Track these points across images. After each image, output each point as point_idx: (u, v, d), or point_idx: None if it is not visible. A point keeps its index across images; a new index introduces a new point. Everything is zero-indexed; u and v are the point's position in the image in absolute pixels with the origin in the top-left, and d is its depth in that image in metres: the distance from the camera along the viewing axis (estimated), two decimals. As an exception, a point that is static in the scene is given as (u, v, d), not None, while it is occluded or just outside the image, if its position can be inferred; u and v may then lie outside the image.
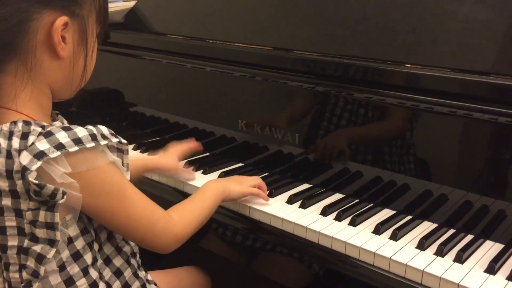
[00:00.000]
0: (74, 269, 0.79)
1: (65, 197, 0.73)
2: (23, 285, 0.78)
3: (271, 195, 1.13)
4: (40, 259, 0.75)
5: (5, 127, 0.74)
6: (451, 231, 0.99)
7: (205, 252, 1.24)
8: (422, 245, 0.93)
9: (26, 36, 0.74)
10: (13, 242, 0.77)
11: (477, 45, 1.01)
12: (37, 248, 0.75)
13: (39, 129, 0.73)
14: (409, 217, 1.04)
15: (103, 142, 0.75)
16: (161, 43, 1.45)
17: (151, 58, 1.46)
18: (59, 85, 0.81)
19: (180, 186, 1.23)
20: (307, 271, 1.03)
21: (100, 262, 0.84)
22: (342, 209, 1.06)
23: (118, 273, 0.87)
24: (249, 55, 1.26)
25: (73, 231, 0.78)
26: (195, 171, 1.26)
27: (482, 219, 0.97)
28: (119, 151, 0.80)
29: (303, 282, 1.08)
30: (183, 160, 1.29)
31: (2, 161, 0.72)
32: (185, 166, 1.28)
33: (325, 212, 1.05)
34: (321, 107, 1.14)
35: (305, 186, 1.19)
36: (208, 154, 1.37)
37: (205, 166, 1.27)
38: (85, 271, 0.80)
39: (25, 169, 0.70)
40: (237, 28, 1.36)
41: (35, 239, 0.75)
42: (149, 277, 0.97)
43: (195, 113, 1.41)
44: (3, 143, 0.73)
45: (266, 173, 1.25)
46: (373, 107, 1.08)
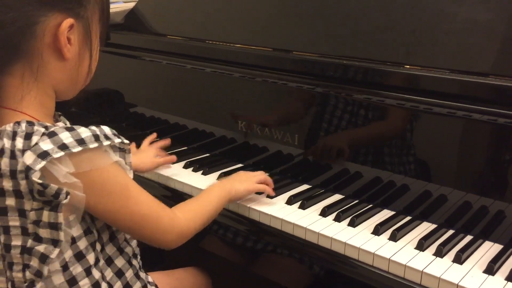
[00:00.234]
0: (77, 269, 0.79)
1: (69, 197, 0.73)
2: (26, 284, 0.78)
3: (271, 196, 1.13)
4: (43, 259, 0.76)
5: (9, 127, 0.74)
6: (450, 232, 0.99)
7: (205, 253, 1.24)
8: (421, 245, 0.93)
9: (32, 39, 0.75)
10: (17, 242, 0.77)
11: (476, 46, 1.01)
12: (41, 248, 0.75)
13: (43, 130, 0.73)
14: (409, 218, 1.04)
15: (106, 142, 0.76)
16: (161, 44, 1.45)
17: (151, 59, 1.46)
18: (64, 86, 0.82)
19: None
20: (307, 272, 1.03)
21: (102, 262, 0.84)
22: (341, 209, 1.06)
23: (119, 274, 0.87)
24: (249, 56, 1.26)
25: (76, 231, 0.78)
26: (175, 160, 1.30)
27: (481, 219, 0.97)
28: (121, 150, 0.81)
29: (303, 282, 1.08)
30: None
31: (6, 161, 0.73)
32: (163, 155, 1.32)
33: (324, 212, 1.05)
34: (320, 108, 1.14)
35: (305, 186, 1.19)
36: (208, 155, 1.38)
37: (205, 167, 1.27)
38: (88, 271, 0.80)
39: (28, 169, 0.70)
40: (237, 29, 1.36)
41: (38, 239, 0.75)
42: (150, 279, 0.97)
43: (195, 114, 1.41)
44: (6, 143, 0.73)
45: (265, 174, 1.25)
46: (372, 108, 1.08)
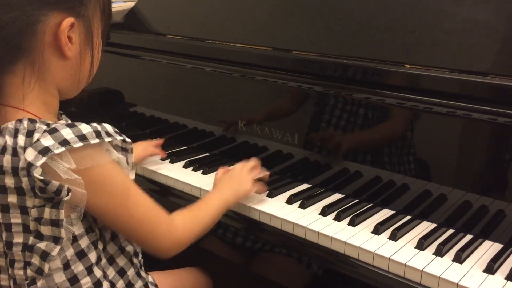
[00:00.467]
0: (78, 268, 0.79)
1: (70, 194, 0.73)
2: (27, 282, 0.78)
3: (270, 195, 1.13)
4: (44, 256, 0.76)
5: (11, 125, 0.74)
6: (450, 231, 0.99)
7: (206, 253, 1.24)
8: (421, 245, 0.93)
9: (33, 38, 0.75)
10: (19, 239, 0.77)
11: (476, 45, 1.01)
12: (42, 245, 0.75)
13: (44, 127, 0.73)
14: (409, 217, 1.04)
15: (107, 139, 0.76)
16: (161, 44, 1.45)
17: (151, 58, 1.46)
18: (66, 85, 0.82)
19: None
20: (307, 271, 1.03)
21: (104, 261, 0.84)
22: (341, 209, 1.06)
23: (121, 273, 0.87)
24: (249, 55, 1.26)
25: (78, 229, 0.78)
26: (165, 156, 1.32)
27: (481, 219, 0.97)
28: (123, 150, 0.81)
29: (303, 282, 1.08)
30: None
31: (8, 158, 0.73)
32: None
33: (324, 212, 1.05)
34: (320, 107, 1.14)
35: (305, 186, 1.19)
36: (207, 154, 1.38)
37: (205, 166, 1.27)
38: (89, 270, 0.80)
39: (30, 165, 0.71)
40: (236, 28, 1.36)
41: (40, 236, 0.75)
42: (150, 279, 0.97)
43: (195, 113, 1.41)
44: (8, 140, 0.73)
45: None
46: (372, 107, 1.08)
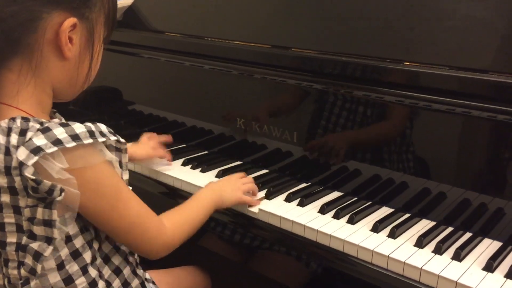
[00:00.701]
0: (73, 268, 0.79)
1: (63, 194, 0.72)
2: (21, 282, 0.78)
3: (269, 194, 1.12)
4: (37, 257, 0.75)
5: (4, 123, 0.74)
6: (450, 229, 0.99)
7: (204, 251, 1.24)
8: (420, 243, 0.93)
9: (33, 34, 0.74)
10: (12, 239, 0.77)
11: (476, 43, 1.01)
12: (35, 245, 0.75)
13: (38, 126, 0.73)
14: (408, 215, 1.04)
15: (101, 139, 0.75)
16: (159, 41, 1.45)
17: (149, 56, 1.46)
18: (62, 86, 0.81)
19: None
20: (306, 269, 1.03)
21: (99, 260, 0.83)
22: (340, 207, 1.06)
23: (117, 271, 0.86)
24: (248, 53, 1.26)
25: (72, 229, 0.77)
26: (171, 160, 1.29)
27: (480, 217, 0.97)
28: (117, 150, 0.80)
29: (302, 280, 1.08)
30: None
31: (0, 157, 0.72)
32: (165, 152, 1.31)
33: (323, 210, 1.05)
34: (319, 105, 1.14)
35: (304, 184, 1.19)
36: (206, 152, 1.37)
37: (204, 164, 1.27)
38: (84, 270, 0.80)
39: (21, 164, 0.70)
40: (235, 26, 1.36)
41: (33, 236, 0.75)
42: (147, 276, 0.97)
43: (194, 111, 1.41)
44: (1, 139, 0.73)
45: (264, 171, 1.25)
46: (371, 105, 1.07)
